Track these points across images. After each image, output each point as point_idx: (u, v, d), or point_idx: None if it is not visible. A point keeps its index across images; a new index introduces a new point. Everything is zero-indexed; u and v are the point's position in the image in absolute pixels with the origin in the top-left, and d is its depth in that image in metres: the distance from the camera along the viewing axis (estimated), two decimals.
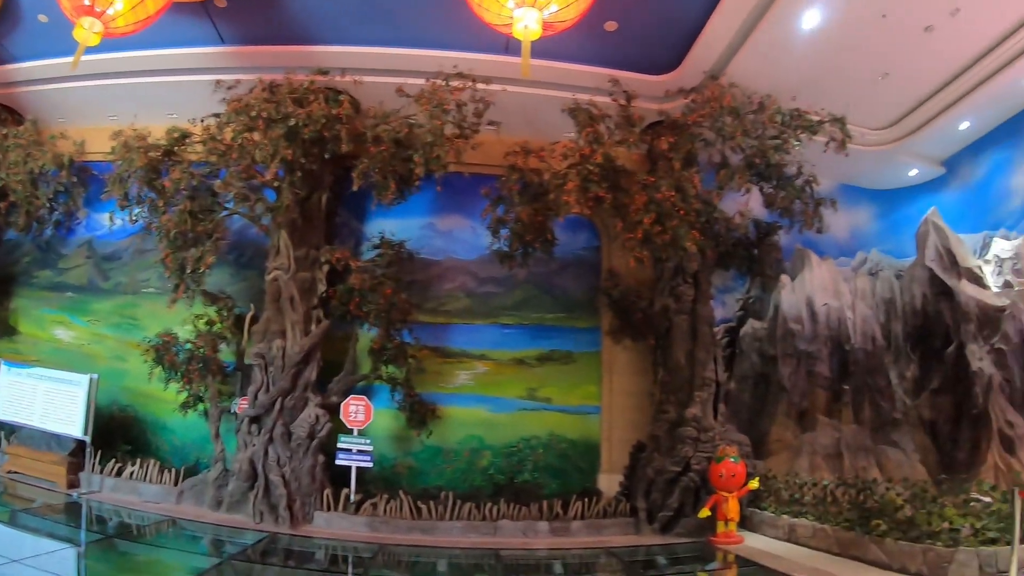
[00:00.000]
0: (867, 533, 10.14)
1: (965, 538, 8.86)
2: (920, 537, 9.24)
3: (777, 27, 14.05)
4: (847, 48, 15.05)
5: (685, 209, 13.04)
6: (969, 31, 15.35)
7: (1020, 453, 13.63)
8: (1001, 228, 18.10)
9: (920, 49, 15.56)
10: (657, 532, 13.38)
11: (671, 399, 14.51)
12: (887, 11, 14.11)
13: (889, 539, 9.63)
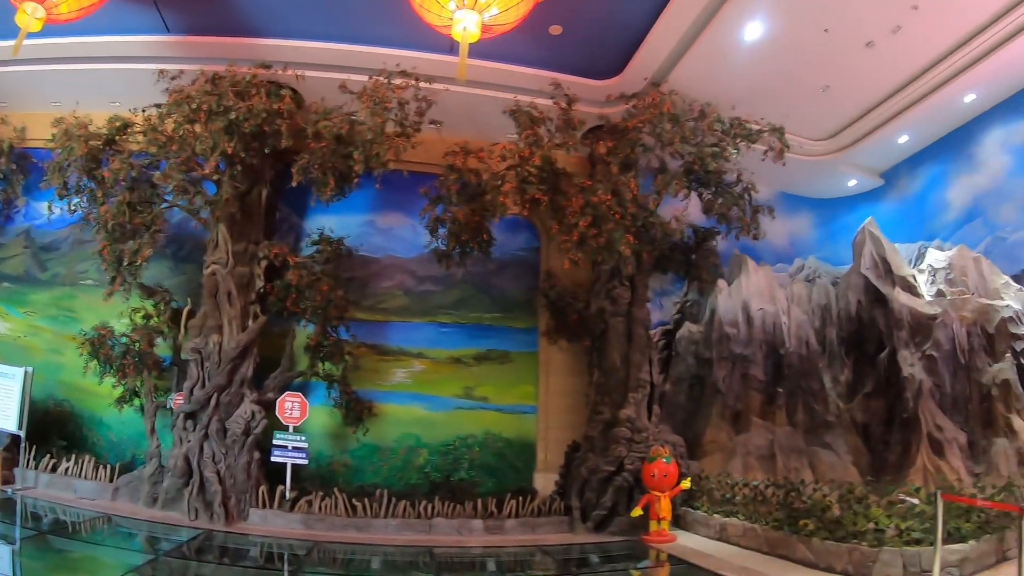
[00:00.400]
0: (795, 532, 10.27)
1: (890, 538, 9.02)
2: (846, 537, 9.36)
3: (720, 37, 14.26)
4: (789, 60, 15.31)
5: (621, 213, 13.13)
6: (910, 49, 15.70)
7: (948, 456, 14.02)
8: (936, 239, 18.57)
9: (861, 64, 15.89)
10: (591, 531, 13.43)
11: (606, 400, 14.65)
12: (829, 26, 14.39)
13: (816, 538, 9.72)
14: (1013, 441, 14.15)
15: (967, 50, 15.85)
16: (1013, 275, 16.84)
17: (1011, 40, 15.39)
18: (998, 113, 17.98)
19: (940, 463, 13.84)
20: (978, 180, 18.32)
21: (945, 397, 14.87)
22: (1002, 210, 17.67)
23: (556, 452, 15.58)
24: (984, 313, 15.52)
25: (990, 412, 14.64)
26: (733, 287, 17.22)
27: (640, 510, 12.77)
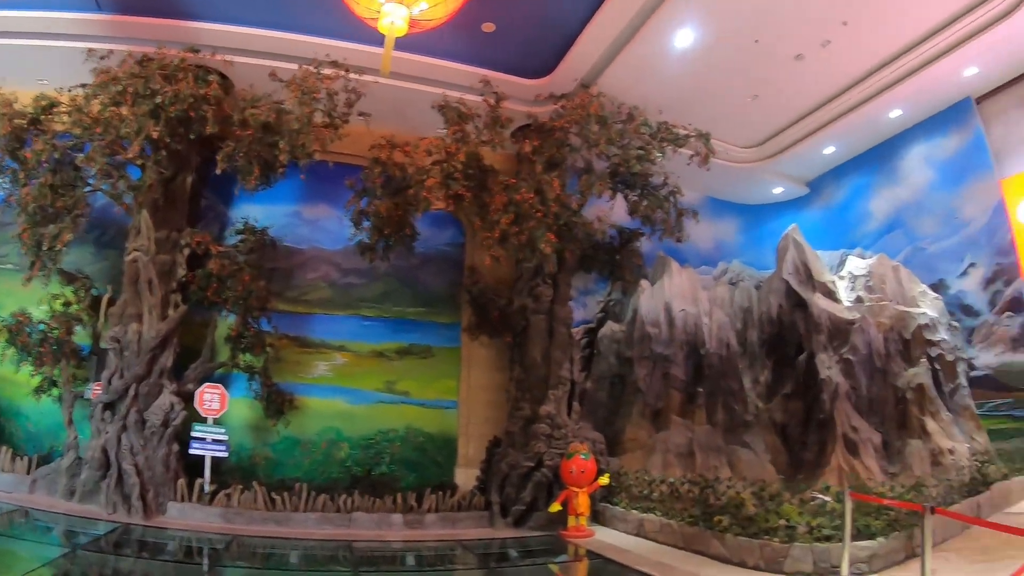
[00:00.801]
0: (710, 528, 10.38)
1: (801, 535, 9.14)
2: (759, 533, 9.44)
3: (651, 43, 14.53)
4: (719, 68, 15.65)
5: (543, 211, 13.19)
6: (838, 63, 16.14)
7: (863, 456, 14.31)
8: (858, 248, 19.09)
9: (790, 75, 16.28)
10: (510, 526, 13.51)
11: (526, 396, 14.70)
12: (760, 37, 14.72)
13: (730, 534, 9.77)
14: (927, 443, 14.55)
15: (894, 67, 16.33)
16: (930, 284, 17.38)
17: (935, 61, 15.96)
18: (922, 129, 18.56)
19: (855, 463, 14.11)
20: (900, 193, 18.87)
21: (861, 399, 15.22)
22: (922, 222, 18.22)
23: (477, 447, 15.63)
24: (901, 320, 15.95)
25: (905, 415, 15.06)
26: (656, 288, 17.41)
27: (559, 505, 12.89)
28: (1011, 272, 16.41)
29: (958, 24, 15.09)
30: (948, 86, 17.13)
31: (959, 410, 15.85)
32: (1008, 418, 16.04)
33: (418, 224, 14.80)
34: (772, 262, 17.66)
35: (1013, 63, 16.49)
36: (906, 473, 13.99)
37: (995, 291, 16.63)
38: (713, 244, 21.51)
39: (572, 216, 13.87)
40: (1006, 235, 16.52)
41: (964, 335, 16.99)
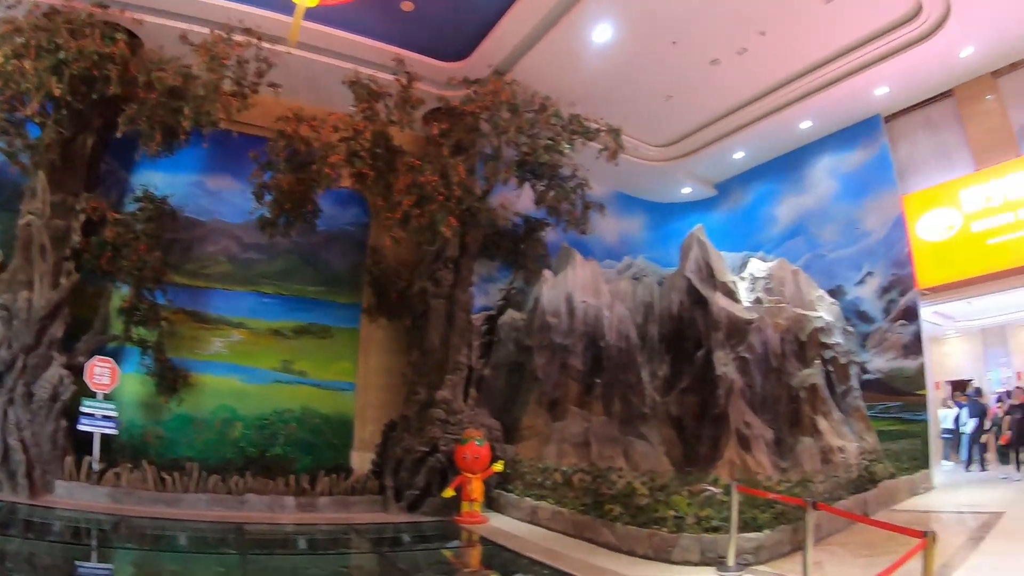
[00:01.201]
0: (600, 517, 10.42)
1: (690, 525, 9.23)
2: (648, 523, 9.53)
3: (569, 34, 14.62)
4: (635, 66, 15.84)
5: (445, 195, 13.11)
6: (753, 71, 16.49)
7: (755, 451, 14.64)
8: (760, 251, 19.50)
9: (705, 79, 16.57)
10: (404, 510, 13.28)
11: (423, 381, 14.52)
12: (678, 39, 14.95)
13: (620, 523, 9.84)
14: (818, 440, 14.97)
15: (807, 80, 16.76)
16: (828, 290, 17.92)
17: (848, 77, 16.48)
18: (831, 142, 19.15)
19: (747, 457, 14.43)
20: (805, 201, 19.43)
21: (756, 397, 15.59)
22: (824, 230, 18.79)
23: (373, 431, 15.31)
24: (798, 322, 16.35)
25: (798, 413, 15.48)
26: (559, 278, 17.49)
27: (452, 491, 12.78)
28: (906, 283, 17.02)
29: (873, 44, 15.65)
30: (859, 103, 17.73)
31: (850, 411, 16.39)
32: (897, 420, 16.67)
33: (322, 202, 14.56)
34: (676, 260, 17.92)
35: (923, 86, 17.26)
36: (797, 469, 14.34)
37: (890, 300, 17.26)
38: (619, 239, 21.79)
39: (475, 201, 13.83)
40: (904, 248, 17.14)
41: (858, 340, 17.60)
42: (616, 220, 21.29)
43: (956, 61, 16.21)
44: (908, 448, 15.90)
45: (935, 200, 17.21)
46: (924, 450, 16.06)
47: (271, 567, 9.20)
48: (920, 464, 15.63)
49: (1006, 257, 15.93)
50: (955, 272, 16.68)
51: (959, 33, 15.01)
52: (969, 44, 15.62)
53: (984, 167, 16.71)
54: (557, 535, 11.10)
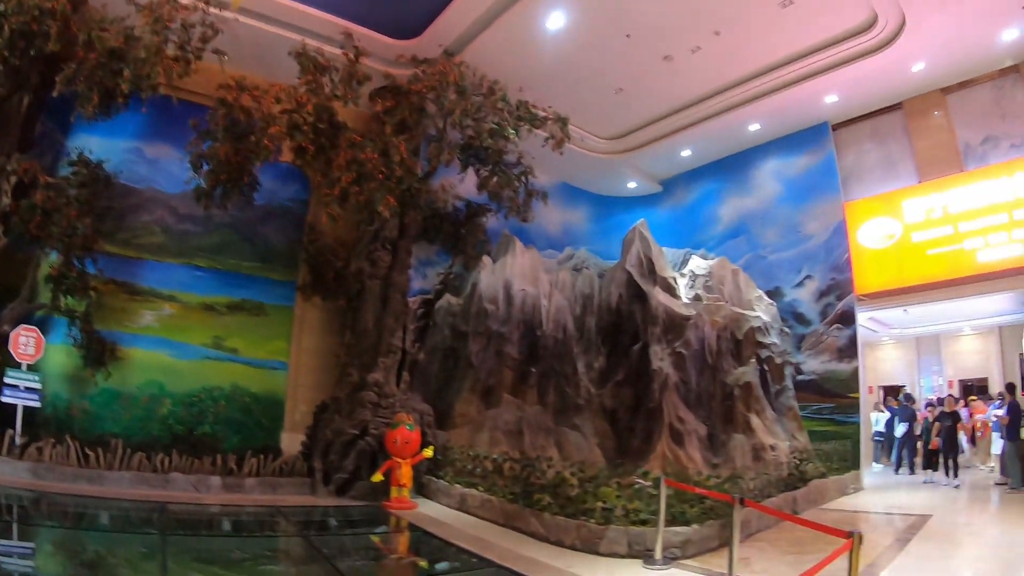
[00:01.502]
0: (529, 506, 10.31)
1: (618, 517, 9.15)
2: (577, 514, 9.42)
3: (523, 20, 14.58)
4: (587, 57, 15.82)
5: (385, 173, 12.82)
6: (705, 70, 16.58)
7: (688, 446, 14.62)
8: (702, 248, 19.62)
9: (657, 75, 16.62)
10: (332, 494, 12.98)
11: (355, 362, 14.27)
12: (632, 32, 14.94)
13: (548, 513, 9.73)
14: (750, 438, 15.04)
15: (759, 83, 16.93)
16: (767, 290, 18.09)
17: (799, 83, 16.62)
18: (777, 146, 19.39)
19: (679, 452, 14.39)
20: (748, 202, 19.63)
21: (690, 392, 15.57)
22: (766, 232, 19.01)
23: (305, 412, 14.99)
24: (735, 320, 16.43)
25: (731, 410, 15.52)
26: (498, 265, 17.39)
27: (381, 476, 12.51)
28: (844, 288, 17.26)
29: (826, 52, 15.89)
30: (808, 109, 17.99)
31: (783, 410, 16.54)
32: (829, 422, 16.94)
33: (263, 176, 14.18)
34: (618, 253, 17.85)
35: (873, 97, 17.61)
36: (729, 465, 14.37)
37: (827, 304, 17.51)
38: (562, 229, 21.82)
39: (415, 182, 13.55)
40: (844, 254, 17.41)
41: (794, 341, 17.82)
42: (560, 211, 21.37)
43: (908, 75, 16.58)
44: (839, 449, 16.14)
45: (877, 209, 17.52)
46: (855, 452, 16.42)
47: (192, 548, 8.82)
48: (850, 465, 15.93)
49: (944, 268, 16.39)
50: (893, 280, 17.03)
51: (912, 48, 15.32)
52: (921, 59, 15.96)
53: (927, 180, 17.10)
54: (486, 523, 10.96)
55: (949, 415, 16.25)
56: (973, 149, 16.74)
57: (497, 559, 8.43)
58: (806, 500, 12.74)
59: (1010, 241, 15.51)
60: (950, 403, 16.92)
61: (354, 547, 9.91)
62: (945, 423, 16.14)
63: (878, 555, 8.71)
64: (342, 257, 15.38)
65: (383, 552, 10.07)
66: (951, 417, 16.22)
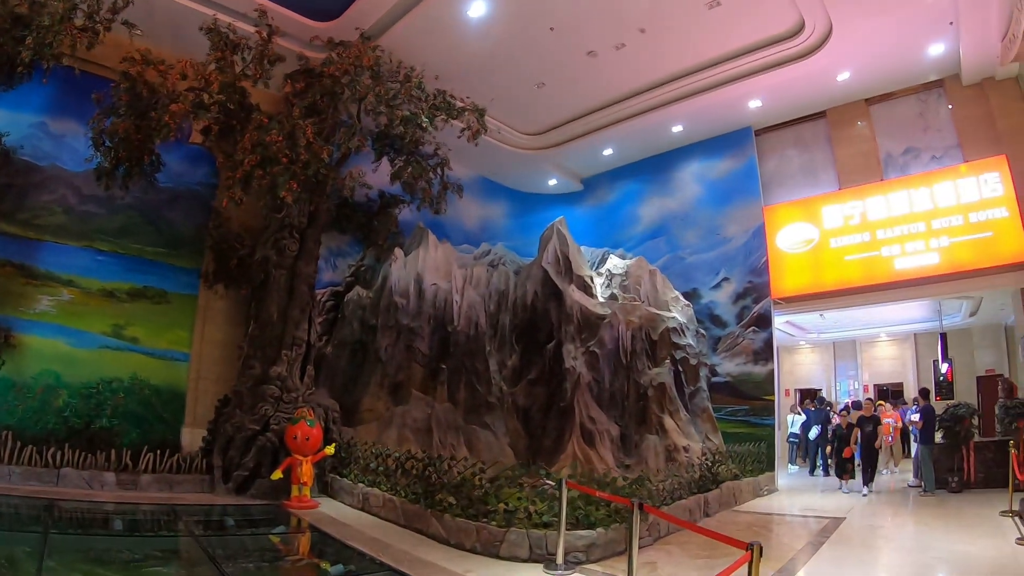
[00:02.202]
0: (430, 507, 9.99)
1: (520, 520, 8.88)
2: (478, 516, 9.16)
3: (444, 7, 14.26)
4: (509, 48, 15.60)
5: (290, 157, 12.37)
6: (629, 68, 16.48)
7: (599, 447, 14.42)
8: (620, 248, 19.54)
9: (580, 70, 16.46)
10: (232, 492, 12.47)
11: (258, 355, 13.77)
12: (556, 25, 14.73)
13: (449, 515, 9.44)
14: (663, 439, 14.93)
15: (683, 83, 16.92)
16: (684, 292, 18.08)
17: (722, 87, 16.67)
18: (700, 149, 19.48)
19: (590, 452, 14.18)
20: (669, 203, 19.66)
21: (603, 392, 15.41)
22: (685, 234, 19.04)
23: (207, 406, 14.32)
24: (651, 320, 16.31)
25: (645, 411, 15.37)
26: (410, 258, 16.94)
27: (280, 473, 12.04)
28: (761, 291, 17.32)
29: (753, 56, 15.95)
30: (732, 113, 18.07)
31: (698, 411, 16.47)
32: (744, 424, 16.98)
33: (171, 158, 13.80)
34: (537, 250, 17.60)
35: (796, 104, 17.79)
36: (641, 466, 14.20)
37: (744, 306, 17.57)
38: (479, 224, 21.58)
39: (322, 167, 12.97)
40: (761, 257, 17.47)
41: (710, 343, 17.84)
42: (478, 205, 21.20)
43: (833, 84, 16.78)
44: (754, 451, 16.12)
45: (797, 214, 17.67)
46: (769, 453, 16.46)
47: (72, 548, 8.23)
48: (765, 467, 15.98)
49: (861, 274, 16.59)
50: (810, 284, 17.17)
51: (838, 56, 15.46)
52: (847, 69, 16.17)
53: (848, 188, 17.27)
54: (387, 524, 10.64)
55: (869, 420, 15.94)
56: (894, 159, 17.06)
57: (392, 562, 8.10)
58: (719, 502, 12.66)
59: (927, 250, 15.73)
60: (869, 407, 16.67)
61: (244, 548, 9.37)
62: (866, 428, 15.78)
63: (790, 559, 8.63)
64: (248, 244, 14.82)
65: (274, 554, 9.53)
66: (871, 422, 15.90)
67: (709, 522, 11.57)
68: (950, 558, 8.74)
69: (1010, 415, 14.43)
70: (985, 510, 11.94)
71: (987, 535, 9.89)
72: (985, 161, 15.35)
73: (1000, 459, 14.13)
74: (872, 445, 15.84)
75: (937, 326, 21.33)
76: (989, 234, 15.06)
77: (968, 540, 9.63)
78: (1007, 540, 9.44)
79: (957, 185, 15.61)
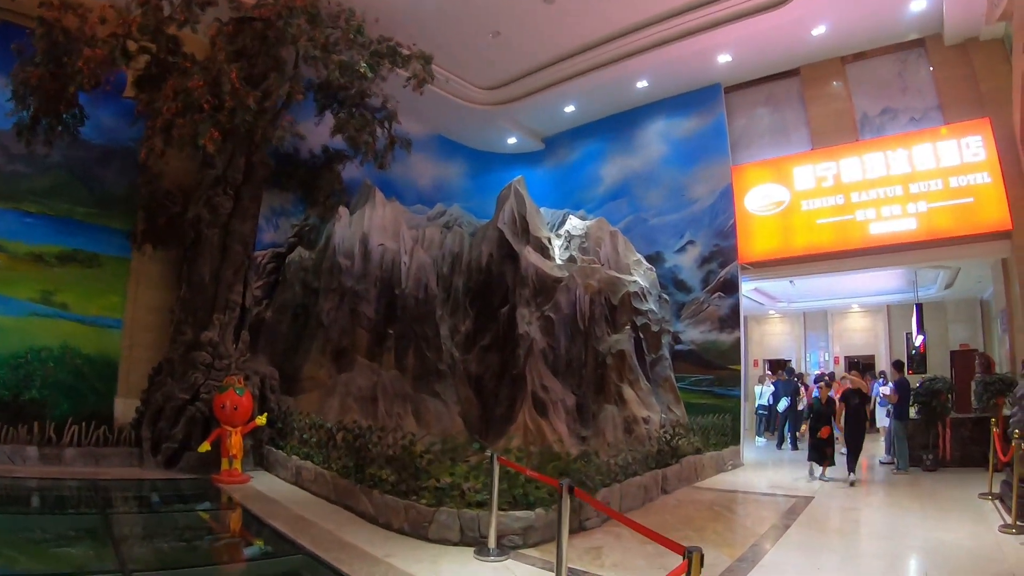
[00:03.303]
0: (359, 483, 9.22)
1: (452, 498, 8.09)
2: (408, 492, 8.37)
3: None
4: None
5: (212, 103, 11.44)
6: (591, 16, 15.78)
7: (552, 417, 13.62)
8: (582, 209, 18.76)
9: (538, 19, 15.67)
10: (161, 465, 11.67)
11: (189, 319, 12.93)
12: None
13: (377, 491, 8.69)
14: (622, 410, 14.14)
15: (648, 33, 16.30)
16: (647, 255, 17.34)
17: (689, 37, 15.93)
18: (665, 106, 18.73)
19: (542, 423, 13.39)
20: (632, 163, 18.88)
21: (559, 360, 14.60)
22: (649, 194, 18.27)
23: (141, 375, 13.32)
24: (611, 284, 15.53)
25: (603, 380, 14.57)
26: (355, 217, 16.04)
27: (208, 445, 11.26)
28: (728, 255, 16.61)
29: (720, 4, 15.20)
30: (700, 69, 17.26)
31: (659, 381, 15.74)
32: (708, 394, 16.29)
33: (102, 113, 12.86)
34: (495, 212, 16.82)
35: (768, 60, 16.96)
36: (598, 438, 13.51)
37: (709, 271, 16.86)
38: (434, 184, 20.57)
39: (248, 115, 11.87)
40: (729, 219, 16.78)
41: (674, 309, 17.12)
42: (434, 165, 20.33)
43: (807, 39, 16.02)
44: (718, 423, 15.40)
45: (767, 175, 16.95)
46: (735, 426, 15.71)
47: None
48: (730, 440, 15.23)
49: (833, 239, 15.85)
50: (780, 248, 16.49)
51: (813, 8, 14.78)
52: (822, 23, 15.44)
53: (821, 148, 16.53)
54: (319, 501, 9.93)
55: (856, 393, 13.66)
56: (871, 120, 16.33)
57: (310, 544, 7.38)
58: (678, 478, 11.93)
59: (904, 215, 15.01)
60: (856, 379, 14.29)
61: (156, 527, 8.54)
62: (852, 402, 13.56)
63: (751, 545, 7.91)
64: (181, 203, 13.86)
65: (188, 533, 8.64)
66: (858, 395, 13.67)
67: (667, 500, 10.92)
68: (928, 547, 7.95)
69: (989, 391, 13.64)
70: (962, 492, 11.29)
71: (967, 520, 9.22)
72: (967, 124, 14.62)
73: (977, 436, 13.64)
74: (861, 423, 13.58)
75: (911, 298, 20.80)
76: (970, 200, 14.36)
77: (947, 526, 8.92)
78: (989, 527, 8.76)
79: (937, 148, 14.86)
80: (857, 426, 13.49)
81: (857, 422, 13.50)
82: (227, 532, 8.95)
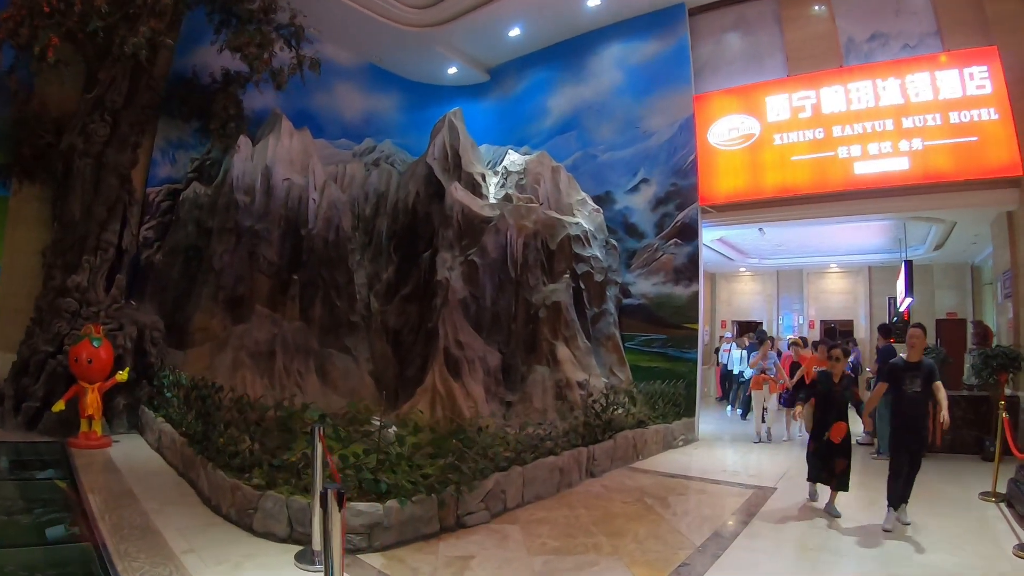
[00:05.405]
0: (200, 454, 7.73)
1: (285, 480, 6.57)
2: (245, 468, 6.90)
3: None
4: None
5: (54, 7, 9.98)
6: None
7: (466, 378, 12.09)
8: (525, 145, 17.07)
9: None
10: (23, 427, 10.36)
11: (59, 262, 11.50)
12: None
13: (212, 465, 7.22)
14: (554, 372, 12.60)
15: None
16: (595, 195, 15.63)
17: None
18: (622, 29, 16.78)
19: (455, 385, 11.84)
20: (583, 92, 17.08)
21: (483, 311, 13.02)
22: (600, 128, 16.56)
23: (19, 326, 11.82)
24: (548, 226, 13.89)
25: (535, 336, 13.02)
26: (257, 148, 14.22)
27: (63, 404, 9.93)
28: (687, 196, 14.97)
29: None
30: None
31: (602, 339, 14.14)
32: (660, 356, 14.68)
33: None
34: None
35: None
36: (525, 404, 12.06)
37: (665, 213, 15.13)
38: (364, 117, 18.59)
39: (98, 20, 10.37)
40: (689, 155, 15.09)
41: (623, 257, 15.41)
42: (363, 96, 18.42)
43: None
44: (669, 390, 13.66)
45: (734, 104, 15.17)
46: (689, 394, 13.97)
47: None
48: (682, 411, 13.60)
49: (811, 178, 14.12)
50: (748, 189, 14.80)
51: None
52: None
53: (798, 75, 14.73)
54: (169, 471, 8.65)
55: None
56: (857, 46, 14.44)
57: (107, 530, 6.02)
58: (611, 457, 10.15)
59: (895, 153, 13.18)
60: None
61: None
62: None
63: (681, 564, 5.93)
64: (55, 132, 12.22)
65: None
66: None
67: (591, 486, 9.11)
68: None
69: (990, 366, 11.94)
70: (959, 489, 9.28)
71: (971, 534, 7.15)
72: (971, 51, 12.79)
73: (973, 418, 11.89)
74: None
75: (895, 259, 19.05)
76: (974, 139, 12.54)
77: (947, 543, 6.78)
78: (1000, 545, 6.70)
79: (935, 77, 13.00)
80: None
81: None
82: (38, 508, 7.46)
